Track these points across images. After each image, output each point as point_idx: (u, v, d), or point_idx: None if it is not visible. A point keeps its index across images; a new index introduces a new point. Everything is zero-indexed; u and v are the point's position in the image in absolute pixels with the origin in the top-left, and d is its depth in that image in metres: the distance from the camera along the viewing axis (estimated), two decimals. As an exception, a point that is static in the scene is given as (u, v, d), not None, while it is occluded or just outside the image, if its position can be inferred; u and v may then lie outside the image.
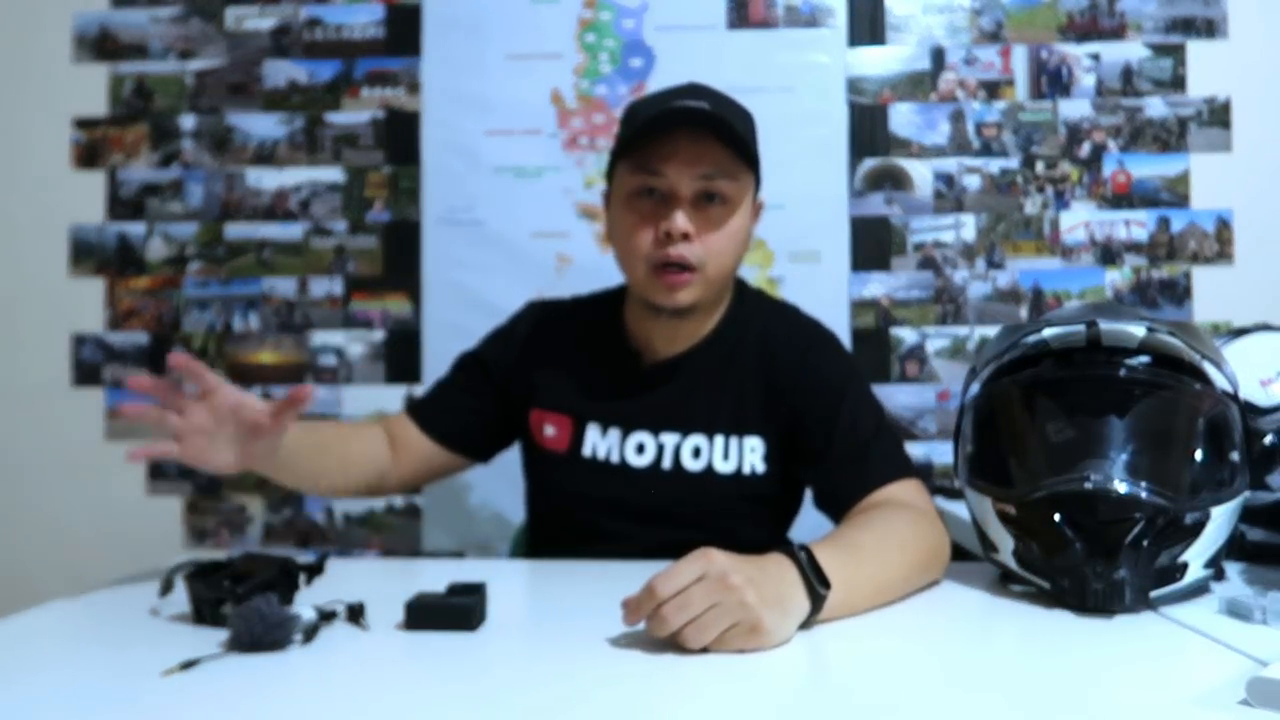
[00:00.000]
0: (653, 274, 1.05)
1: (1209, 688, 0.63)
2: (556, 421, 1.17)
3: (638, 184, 1.05)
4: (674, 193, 1.03)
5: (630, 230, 1.06)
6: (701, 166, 1.03)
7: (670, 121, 1.02)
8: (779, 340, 1.14)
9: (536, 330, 1.23)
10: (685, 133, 1.02)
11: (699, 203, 1.04)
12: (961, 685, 0.67)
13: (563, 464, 1.16)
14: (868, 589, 0.85)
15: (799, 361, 1.12)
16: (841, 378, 1.12)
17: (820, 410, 1.09)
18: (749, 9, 2.02)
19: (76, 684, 0.68)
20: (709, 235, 1.05)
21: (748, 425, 1.12)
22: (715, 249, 1.05)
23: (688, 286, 1.05)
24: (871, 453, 1.06)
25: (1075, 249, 1.99)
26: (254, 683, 0.67)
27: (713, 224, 1.05)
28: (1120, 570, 0.81)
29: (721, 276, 1.09)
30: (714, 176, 1.04)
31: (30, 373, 2.05)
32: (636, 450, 1.13)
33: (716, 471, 1.11)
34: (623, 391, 1.15)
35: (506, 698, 0.65)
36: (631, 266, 1.08)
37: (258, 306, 2.05)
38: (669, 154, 1.03)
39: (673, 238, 1.02)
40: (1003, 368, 0.97)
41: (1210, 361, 0.91)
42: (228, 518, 2.04)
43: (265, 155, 2.06)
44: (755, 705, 0.63)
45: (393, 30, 2.06)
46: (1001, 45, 2.01)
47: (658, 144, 1.03)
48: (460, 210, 2.02)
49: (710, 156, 1.03)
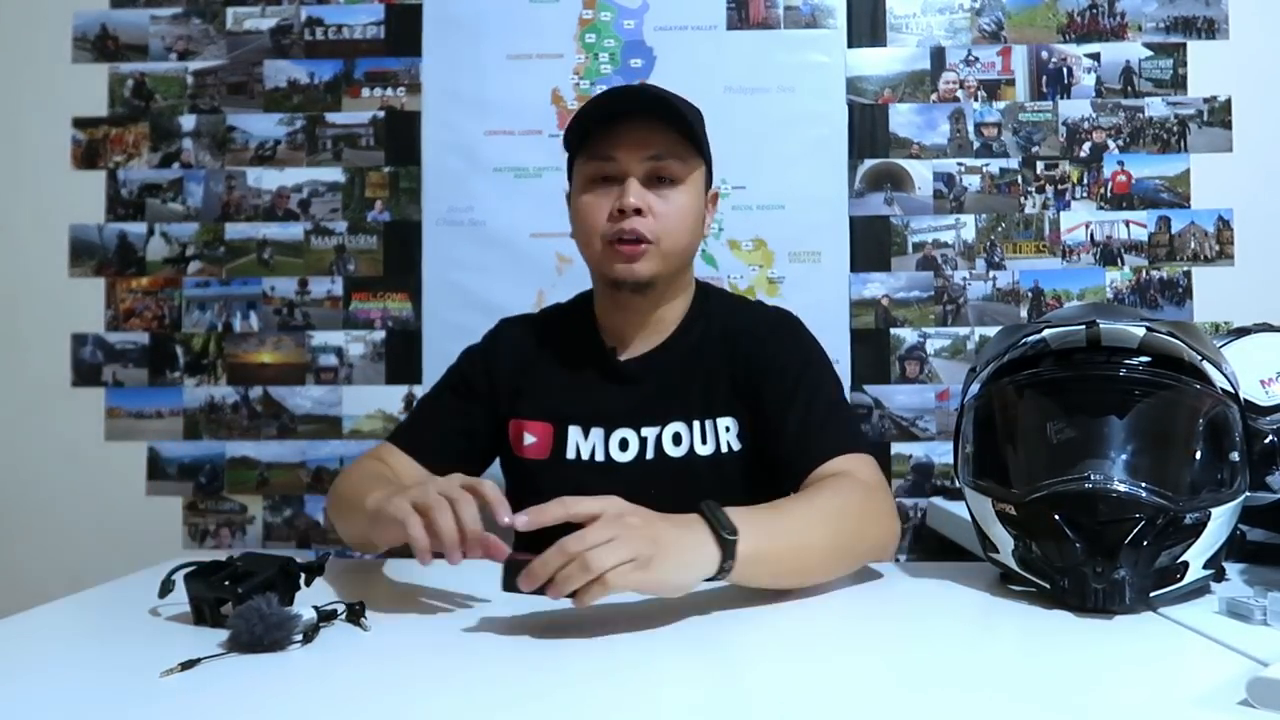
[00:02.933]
0: (609, 248, 1.12)
1: (1209, 688, 0.63)
2: (536, 430, 1.19)
3: (592, 170, 1.13)
4: (626, 174, 1.10)
5: (587, 210, 1.13)
6: (649, 149, 1.10)
7: (617, 108, 1.11)
8: (742, 329, 1.20)
9: (511, 343, 1.26)
10: (634, 120, 1.10)
11: (650, 183, 1.11)
12: (962, 685, 0.67)
13: (545, 470, 1.18)
14: (784, 544, 0.87)
15: (760, 345, 1.17)
16: (800, 357, 1.17)
17: (778, 387, 1.13)
18: (749, 9, 2.02)
19: (76, 684, 0.68)
20: (662, 210, 1.11)
21: (719, 407, 1.16)
22: (668, 224, 1.12)
23: (644, 257, 1.11)
24: (825, 427, 1.10)
25: (1075, 249, 1.99)
26: (254, 683, 0.67)
27: (664, 200, 1.12)
28: (1120, 570, 0.81)
29: (676, 250, 1.14)
30: (662, 157, 1.11)
31: (30, 373, 2.05)
32: (620, 446, 1.16)
33: (698, 454, 1.15)
34: (601, 391, 1.19)
35: (506, 698, 0.65)
36: (589, 244, 1.15)
37: (258, 306, 2.05)
38: (618, 140, 1.10)
39: (625, 212, 1.09)
40: (1003, 368, 0.97)
41: (1210, 361, 0.91)
42: (228, 518, 2.04)
43: (265, 155, 2.06)
44: (755, 705, 0.63)
45: (393, 30, 2.06)
46: (1001, 45, 2.01)
47: (607, 133, 1.11)
48: (460, 210, 2.02)
49: (657, 139, 1.11)
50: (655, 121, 1.10)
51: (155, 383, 2.05)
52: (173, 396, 2.05)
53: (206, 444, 2.04)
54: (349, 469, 1.19)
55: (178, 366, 2.05)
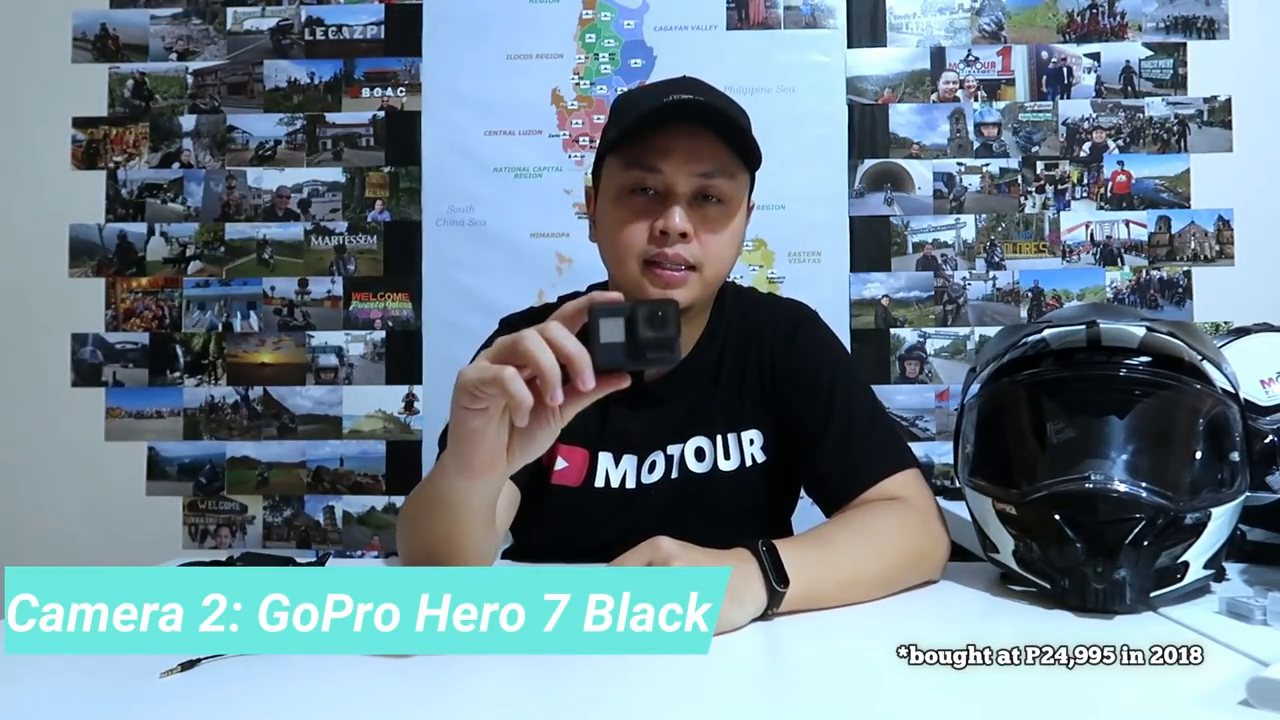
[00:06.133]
0: (646, 271, 0.98)
1: (1209, 688, 0.63)
2: (570, 455, 1.10)
3: (631, 180, 0.99)
4: (670, 191, 0.97)
5: (621, 226, 0.99)
6: (700, 164, 0.97)
7: (668, 116, 0.96)
8: (763, 328, 1.11)
9: None
10: (683, 128, 0.96)
11: (695, 202, 0.98)
12: (961, 685, 0.67)
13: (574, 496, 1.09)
14: (833, 585, 0.84)
15: (787, 347, 1.10)
16: (830, 362, 1.10)
17: (813, 397, 1.06)
18: (749, 9, 2.02)
19: (76, 684, 0.68)
20: (707, 236, 0.99)
21: (744, 421, 1.10)
22: (714, 251, 0.99)
23: (685, 285, 0.98)
24: (868, 443, 1.03)
25: (1075, 249, 1.99)
26: (254, 683, 0.67)
27: (711, 225, 0.99)
28: (1120, 570, 0.81)
29: (718, 279, 1.04)
30: (713, 175, 0.98)
31: (30, 373, 2.05)
32: (649, 470, 1.09)
33: (721, 470, 1.09)
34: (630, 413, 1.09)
35: (507, 698, 0.64)
36: (622, 264, 1.01)
37: (258, 306, 2.05)
38: (665, 150, 0.96)
39: (669, 236, 0.96)
40: (1003, 368, 0.97)
41: (1210, 361, 0.91)
42: (228, 518, 2.04)
43: (265, 155, 2.06)
44: (755, 704, 0.63)
45: (393, 30, 2.06)
46: (1001, 45, 2.01)
47: (653, 139, 0.97)
48: (460, 210, 2.02)
49: (709, 154, 0.97)
50: (708, 132, 0.96)
51: (155, 383, 2.05)
52: (173, 396, 2.05)
53: (206, 444, 2.04)
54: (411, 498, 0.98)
55: (178, 366, 2.05)
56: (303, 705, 0.64)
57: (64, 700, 0.64)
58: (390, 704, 0.64)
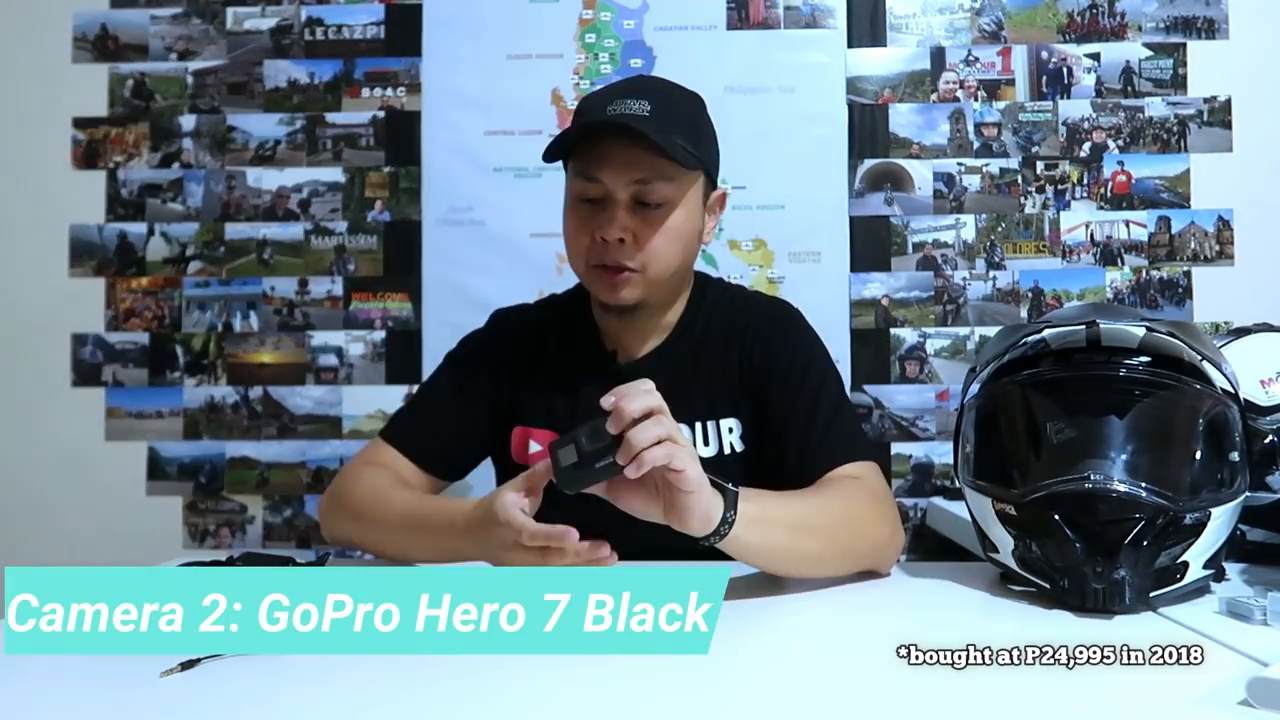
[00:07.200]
0: (592, 272, 1.09)
1: (1209, 688, 0.63)
2: (543, 438, 1.14)
3: (578, 190, 1.08)
4: (609, 197, 1.05)
5: (573, 233, 1.09)
6: (635, 172, 1.04)
7: (602, 131, 1.04)
8: (743, 324, 1.17)
9: (514, 342, 1.21)
10: (620, 138, 1.02)
11: (636, 207, 1.05)
12: (961, 685, 0.67)
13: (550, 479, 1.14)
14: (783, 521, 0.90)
15: (764, 341, 1.15)
16: (805, 355, 1.15)
17: (782, 386, 1.11)
18: (749, 9, 2.02)
19: (76, 684, 0.68)
20: (647, 239, 1.06)
21: (723, 408, 1.14)
22: (654, 251, 1.06)
23: (628, 285, 1.07)
24: (830, 431, 1.08)
25: (1075, 249, 1.99)
26: (254, 683, 0.67)
27: (650, 225, 1.06)
28: (1120, 570, 0.81)
29: (665, 275, 1.10)
30: (649, 180, 1.04)
31: (30, 373, 2.05)
32: None
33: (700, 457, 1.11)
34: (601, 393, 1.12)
35: (507, 698, 0.65)
36: (576, 266, 1.12)
37: (258, 306, 2.05)
38: (602, 160, 1.04)
39: (607, 243, 1.05)
40: (1003, 368, 0.97)
41: (1210, 361, 0.91)
42: (228, 518, 2.04)
43: (265, 155, 2.06)
44: (753, 703, 0.63)
45: (393, 30, 2.06)
46: (1001, 45, 2.01)
47: (593, 149, 1.05)
48: (460, 210, 2.02)
49: (644, 162, 1.03)
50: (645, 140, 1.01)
51: (155, 383, 2.05)
52: (173, 396, 2.05)
53: (206, 444, 2.04)
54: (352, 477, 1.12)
55: (178, 366, 2.05)
56: (303, 705, 0.64)
57: (64, 700, 0.64)
58: (390, 704, 0.64)
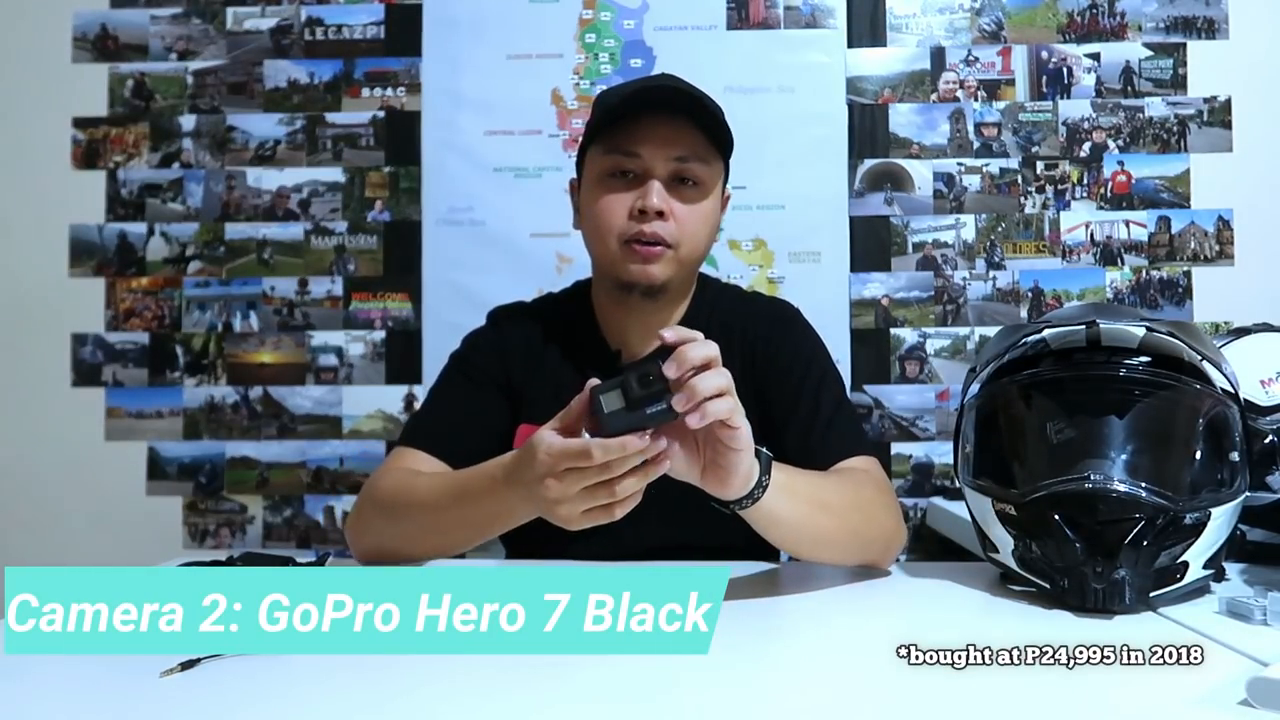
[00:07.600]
0: (625, 249, 1.06)
1: (1209, 688, 0.63)
2: None
3: (611, 165, 1.06)
4: (648, 173, 1.04)
5: (602, 207, 1.07)
6: (676, 149, 1.04)
7: (645, 103, 1.04)
8: (744, 322, 1.17)
9: (519, 339, 1.20)
10: (660, 114, 1.04)
11: (672, 184, 1.05)
12: (961, 685, 0.67)
13: None
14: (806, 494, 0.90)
15: (765, 339, 1.15)
16: (805, 354, 1.15)
17: (784, 383, 1.11)
18: (749, 9, 2.02)
19: (76, 684, 0.68)
20: (683, 216, 1.06)
21: None
22: (689, 229, 1.06)
23: (660, 260, 1.05)
24: (832, 428, 1.08)
25: (1075, 249, 1.99)
26: (254, 683, 0.67)
27: (687, 204, 1.06)
28: (1120, 570, 0.81)
29: (693, 258, 1.10)
30: (688, 159, 1.05)
31: (30, 373, 2.05)
32: None
33: None
34: None
35: (507, 698, 0.65)
36: (602, 243, 1.09)
37: (258, 306, 2.05)
38: (644, 136, 1.04)
39: (647, 214, 1.03)
40: (1003, 368, 0.97)
41: (1210, 361, 0.91)
42: (228, 518, 2.04)
43: (265, 155, 2.06)
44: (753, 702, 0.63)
45: (393, 30, 2.06)
46: (1001, 45, 2.02)
47: (632, 126, 1.04)
48: (460, 210, 2.02)
49: (685, 139, 1.05)
50: (684, 120, 1.04)
51: (155, 383, 2.05)
52: (173, 396, 2.05)
53: (206, 444, 2.04)
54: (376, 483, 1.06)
55: (178, 366, 2.05)
56: (303, 705, 0.64)
57: (64, 700, 0.64)
58: (390, 704, 0.64)
